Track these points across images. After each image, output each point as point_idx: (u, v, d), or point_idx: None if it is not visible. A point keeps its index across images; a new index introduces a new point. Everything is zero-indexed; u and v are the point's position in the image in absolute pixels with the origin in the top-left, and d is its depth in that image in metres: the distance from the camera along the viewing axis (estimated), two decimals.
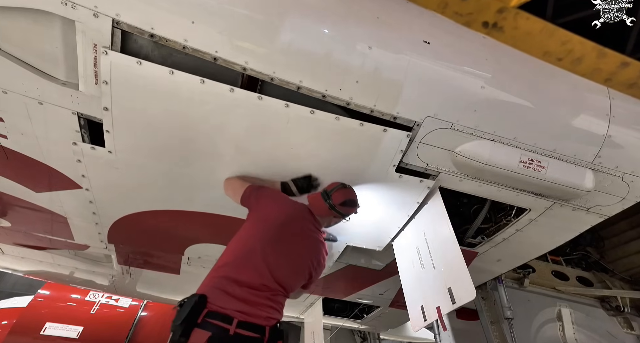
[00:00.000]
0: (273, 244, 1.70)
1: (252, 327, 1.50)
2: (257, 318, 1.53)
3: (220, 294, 1.54)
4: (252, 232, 1.75)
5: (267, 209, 1.80)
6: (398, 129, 1.80)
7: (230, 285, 1.57)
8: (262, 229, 1.74)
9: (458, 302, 1.75)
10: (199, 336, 1.43)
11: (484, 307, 3.18)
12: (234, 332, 1.45)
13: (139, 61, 1.55)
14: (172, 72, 1.57)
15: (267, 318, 1.56)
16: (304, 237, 1.82)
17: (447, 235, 1.93)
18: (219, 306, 1.50)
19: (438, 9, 1.76)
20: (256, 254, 1.65)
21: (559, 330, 3.20)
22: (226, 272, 1.61)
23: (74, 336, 4.69)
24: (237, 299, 1.53)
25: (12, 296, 5.40)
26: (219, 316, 1.47)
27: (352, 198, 1.91)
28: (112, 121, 1.74)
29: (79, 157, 1.94)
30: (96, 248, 2.96)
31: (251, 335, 1.48)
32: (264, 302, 1.58)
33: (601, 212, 2.22)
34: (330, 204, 1.86)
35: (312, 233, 1.86)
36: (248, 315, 1.51)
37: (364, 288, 3.50)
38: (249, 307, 1.53)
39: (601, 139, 1.92)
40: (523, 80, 1.83)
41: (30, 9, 1.44)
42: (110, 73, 1.57)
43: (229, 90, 1.63)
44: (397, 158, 1.89)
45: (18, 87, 1.65)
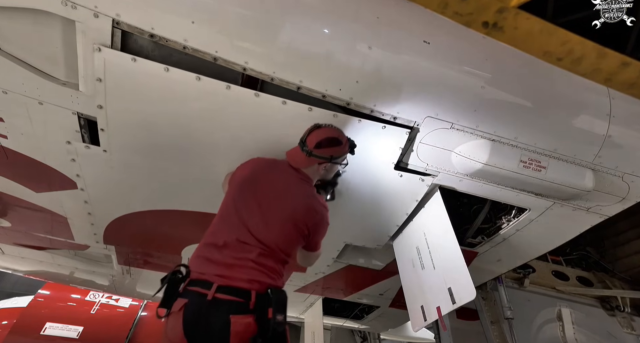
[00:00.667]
0: (244, 200, 1.58)
1: (233, 291, 1.38)
2: (239, 281, 1.40)
3: (200, 261, 1.47)
4: (225, 199, 1.67)
5: (236, 174, 1.73)
6: (397, 126, 1.79)
7: (209, 251, 1.48)
8: (233, 191, 1.65)
9: (458, 302, 1.75)
10: (177, 304, 1.37)
11: (484, 307, 3.18)
12: (213, 296, 1.35)
13: (134, 57, 1.54)
14: (167, 69, 1.56)
15: (250, 281, 1.41)
16: (281, 189, 1.63)
17: (448, 234, 1.93)
18: (199, 272, 1.43)
19: (438, 9, 1.76)
20: (230, 215, 1.56)
21: (559, 330, 3.20)
22: (206, 239, 1.54)
23: (74, 336, 4.69)
24: (217, 263, 1.44)
25: (12, 296, 5.40)
26: (198, 282, 1.39)
27: (329, 136, 1.63)
28: (106, 119, 1.73)
29: (73, 156, 1.93)
30: (96, 248, 2.96)
31: (232, 299, 1.36)
32: (245, 264, 1.45)
33: (601, 212, 2.22)
34: (306, 151, 1.63)
35: (294, 186, 1.66)
36: (229, 279, 1.40)
37: (364, 288, 3.50)
38: (229, 270, 1.42)
39: (601, 139, 1.92)
40: (523, 80, 1.83)
41: (30, 9, 1.44)
42: (104, 70, 1.56)
43: (226, 87, 1.62)
44: (396, 155, 1.89)
45: (18, 87, 1.65)
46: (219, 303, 1.35)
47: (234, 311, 1.35)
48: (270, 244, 1.52)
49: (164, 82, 1.60)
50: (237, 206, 1.57)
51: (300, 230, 1.60)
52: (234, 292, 1.38)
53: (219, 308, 1.35)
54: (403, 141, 1.83)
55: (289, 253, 1.59)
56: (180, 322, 1.34)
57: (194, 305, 1.35)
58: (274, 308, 1.38)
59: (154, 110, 1.71)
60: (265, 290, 1.43)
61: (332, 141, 1.64)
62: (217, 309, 1.35)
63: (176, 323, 1.34)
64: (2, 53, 1.55)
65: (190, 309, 1.35)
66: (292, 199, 1.62)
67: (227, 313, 1.34)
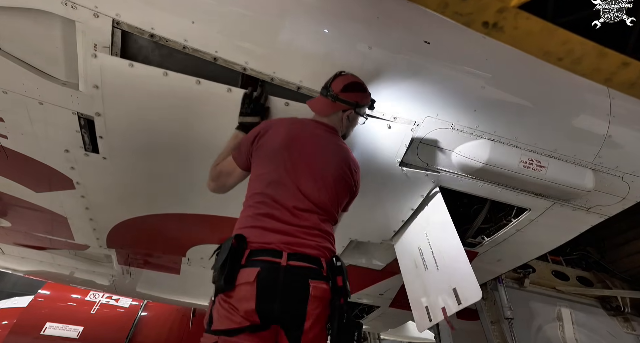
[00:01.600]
0: (293, 164, 1.47)
1: (305, 258, 1.32)
2: (308, 248, 1.34)
3: (258, 232, 1.35)
4: (264, 170, 1.49)
5: (266, 140, 1.53)
6: (402, 124, 1.78)
7: (266, 221, 1.38)
8: (275, 156, 1.49)
9: (464, 302, 1.74)
10: (246, 275, 1.26)
11: (484, 306, 3.18)
12: (287, 263, 1.27)
13: (131, 63, 1.51)
14: (166, 74, 1.55)
15: (318, 248, 1.36)
16: (323, 147, 1.55)
17: (450, 234, 1.93)
18: (263, 242, 1.32)
19: (438, 9, 1.75)
20: (280, 181, 1.44)
21: (559, 330, 3.19)
22: (256, 209, 1.42)
23: (74, 336, 4.69)
24: (280, 233, 1.34)
25: (12, 297, 5.40)
26: (265, 251, 1.30)
27: (355, 81, 1.60)
28: (105, 127, 1.70)
29: (72, 164, 1.91)
30: (96, 248, 2.96)
31: (307, 265, 1.30)
32: (309, 231, 1.38)
33: (601, 212, 2.22)
34: (332, 96, 1.57)
35: (332, 142, 1.60)
36: (297, 246, 1.33)
37: (364, 288, 3.50)
38: (295, 238, 1.34)
39: (601, 139, 1.92)
40: (523, 80, 1.83)
41: (30, 9, 1.44)
42: (101, 77, 1.53)
43: (227, 90, 1.62)
44: (401, 152, 1.87)
45: (18, 87, 1.65)
46: (295, 269, 1.28)
47: (311, 276, 1.30)
48: (326, 206, 1.47)
49: (163, 87, 1.58)
50: (287, 171, 1.45)
51: (350, 187, 1.59)
52: (306, 259, 1.32)
53: (295, 274, 1.28)
54: (408, 139, 1.82)
55: (338, 214, 1.56)
56: (253, 292, 1.24)
57: (269, 273, 1.26)
58: (344, 276, 1.37)
59: (154, 116, 1.69)
60: (331, 258, 1.40)
61: (358, 86, 1.60)
62: (293, 275, 1.28)
63: (248, 295, 1.24)
64: (2, 53, 1.55)
65: (265, 277, 1.25)
66: (337, 155, 1.58)
67: (305, 278, 1.28)
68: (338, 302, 1.30)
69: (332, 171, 1.52)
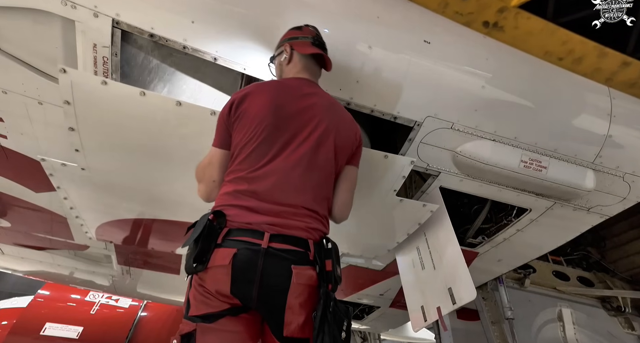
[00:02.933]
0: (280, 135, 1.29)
1: (290, 240, 1.18)
2: (295, 229, 1.20)
3: (241, 211, 1.21)
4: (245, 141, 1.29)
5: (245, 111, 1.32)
6: (400, 155, 1.80)
7: (248, 199, 1.22)
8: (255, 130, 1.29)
9: (458, 302, 1.74)
10: (220, 256, 1.13)
11: (484, 307, 3.18)
12: (267, 245, 1.14)
13: (104, 80, 1.45)
14: (143, 94, 1.48)
15: (307, 229, 1.22)
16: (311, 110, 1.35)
17: (448, 235, 1.93)
18: (243, 222, 1.18)
19: (438, 8, 1.75)
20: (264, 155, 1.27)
21: (559, 331, 3.19)
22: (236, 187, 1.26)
23: (73, 336, 4.69)
24: (263, 212, 1.20)
25: (12, 297, 5.40)
26: (245, 231, 1.17)
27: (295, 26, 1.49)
28: (80, 141, 1.65)
29: (50, 171, 1.86)
30: (96, 248, 2.96)
31: (291, 247, 1.16)
32: (297, 210, 1.23)
33: (602, 212, 2.21)
34: (281, 42, 1.47)
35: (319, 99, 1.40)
36: (281, 227, 1.19)
37: (364, 289, 3.49)
38: (280, 218, 1.20)
39: (602, 139, 1.91)
40: (524, 80, 1.83)
41: (30, 9, 1.44)
42: (72, 93, 1.47)
43: (210, 113, 1.54)
44: (398, 183, 1.86)
45: (18, 87, 1.65)
46: (276, 252, 1.14)
47: (295, 261, 1.15)
48: (320, 181, 1.31)
49: (140, 107, 1.50)
50: (272, 144, 1.28)
51: (352, 143, 1.42)
52: (291, 241, 1.18)
53: (276, 258, 1.14)
54: (407, 171, 1.81)
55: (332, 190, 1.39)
56: (228, 274, 1.12)
57: (246, 256, 1.13)
58: (334, 260, 1.21)
59: (132, 136, 1.61)
60: (320, 240, 1.25)
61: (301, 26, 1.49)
62: (274, 259, 1.14)
63: (222, 277, 1.12)
64: (2, 53, 1.55)
65: (241, 259, 1.12)
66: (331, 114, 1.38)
67: (287, 263, 1.14)
68: (325, 289, 1.15)
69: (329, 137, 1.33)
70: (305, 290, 1.15)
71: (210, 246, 1.15)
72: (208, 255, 1.14)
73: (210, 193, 1.39)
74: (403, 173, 1.82)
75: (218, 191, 1.34)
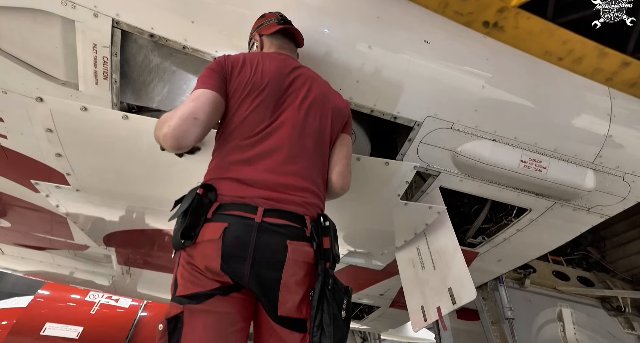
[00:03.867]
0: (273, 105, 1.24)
1: (286, 215, 1.11)
2: (290, 204, 1.13)
3: (231, 183, 1.13)
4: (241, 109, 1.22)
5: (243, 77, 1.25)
6: (403, 161, 1.80)
7: (242, 171, 1.15)
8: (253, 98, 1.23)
9: (458, 302, 1.74)
10: (210, 230, 1.06)
11: (484, 307, 3.18)
12: (261, 219, 1.07)
13: (83, 106, 1.43)
14: (126, 117, 1.46)
15: (304, 205, 1.15)
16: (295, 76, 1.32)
17: (448, 235, 1.93)
18: (236, 196, 1.11)
19: (438, 8, 1.75)
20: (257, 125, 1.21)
21: (559, 331, 3.19)
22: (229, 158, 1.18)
23: (73, 336, 4.69)
24: (258, 186, 1.13)
25: (12, 297, 5.39)
26: (237, 206, 1.09)
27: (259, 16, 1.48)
28: (69, 165, 1.65)
29: (46, 193, 1.87)
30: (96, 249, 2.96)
31: (286, 222, 1.10)
32: (294, 185, 1.16)
33: (602, 212, 2.21)
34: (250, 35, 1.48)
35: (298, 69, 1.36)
36: (277, 202, 1.12)
37: (364, 289, 3.49)
38: (275, 192, 1.13)
39: (602, 139, 1.91)
40: (524, 80, 1.83)
41: (30, 9, 1.44)
42: (53, 121, 1.46)
43: None
44: (401, 188, 1.87)
45: (18, 87, 1.65)
46: (270, 227, 1.07)
47: (291, 236, 1.08)
48: (317, 148, 1.25)
49: (125, 131, 1.48)
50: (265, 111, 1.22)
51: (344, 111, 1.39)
52: (287, 216, 1.11)
53: (270, 233, 1.07)
54: (410, 176, 1.81)
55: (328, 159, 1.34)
56: (218, 250, 1.04)
57: (237, 230, 1.05)
58: (332, 238, 1.15)
59: (121, 158, 1.59)
60: (317, 216, 1.19)
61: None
62: (268, 234, 1.07)
63: (212, 252, 1.04)
64: (2, 53, 1.55)
65: (232, 234, 1.05)
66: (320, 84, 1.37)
67: (283, 238, 1.07)
68: (323, 266, 1.09)
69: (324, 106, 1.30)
70: (302, 267, 1.08)
71: (199, 221, 1.07)
72: (197, 229, 1.06)
73: (185, 132, 1.10)
74: (406, 179, 1.82)
75: (197, 134, 1.11)
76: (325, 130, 1.31)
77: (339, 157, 1.36)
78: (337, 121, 1.37)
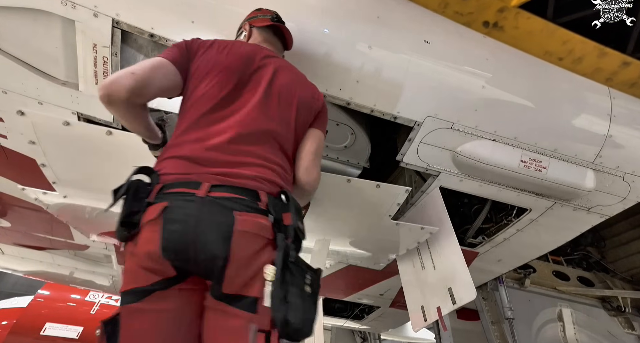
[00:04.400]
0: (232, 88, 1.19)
1: (235, 190, 1.01)
2: (242, 178, 1.04)
3: (180, 162, 1.06)
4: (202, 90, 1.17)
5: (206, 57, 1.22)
6: (395, 184, 1.81)
7: (190, 148, 1.08)
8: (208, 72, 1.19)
9: (458, 302, 1.75)
10: (151, 211, 0.96)
11: (484, 307, 3.18)
12: (206, 194, 0.97)
13: (66, 121, 1.42)
14: (110, 133, 1.45)
15: (257, 179, 1.06)
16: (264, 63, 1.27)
17: (448, 234, 1.93)
18: (181, 174, 1.03)
19: (438, 8, 1.75)
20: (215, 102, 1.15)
21: (559, 331, 3.19)
22: (182, 138, 1.12)
23: (73, 336, 4.69)
24: (208, 162, 1.05)
25: (12, 297, 5.40)
26: (180, 184, 1.01)
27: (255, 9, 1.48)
28: (54, 175, 1.65)
29: (35, 196, 1.88)
30: (96, 248, 2.96)
31: (234, 195, 0.99)
32: (248, 160, 1.08)
33: (602, 212, 2.21)
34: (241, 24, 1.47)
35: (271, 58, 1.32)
36: (227, 177, 1.03)
37: (364, 289, 3.49)
38: (226, 167, 1.05)
39: (602, 139, 1.91)
40: (524, 80, 1.83)
41: (30, 9, 1.44)
42: (35, 134, 1.45)
43: None
44: (393, 209, 1.87)
45: (18, 87, 1.65)
46: (215, 200, 0.97)
47: (239, 208, 0.98)
48: (278, 131, 1.18)
49: (109, 147, 1.47)
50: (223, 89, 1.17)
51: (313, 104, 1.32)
52: (236, 190, 1.01)
53: (215, 206, 0.96)
54: (402, 199, 1.81)
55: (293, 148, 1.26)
56: (158, 231, 0.94)
57: (178, 207, 0.96)
58: (295, 214, 1.04)
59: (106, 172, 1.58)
60: (278, 194, 1.08)
61: None
62: (212, 207, 0.96)
63: (151, 235, 0.95)
64: (2, 53, 1.55)
65: (173, 211, 0.95)
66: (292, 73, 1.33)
67: (229, 210, 0.96)
68: (283, 237, 0.98)
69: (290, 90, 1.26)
70: (254, 241, 0.97)
71: (141, 206, 0.98)
72: (139, 216, 0.98)
73: (116, 83, 1.04)
74: (397, 201, 1.83)
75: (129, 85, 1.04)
76: (289, 119, 1.24)
77: (305, 152, 1.27)
78: (304, 113, 1.29)
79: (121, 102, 1.05)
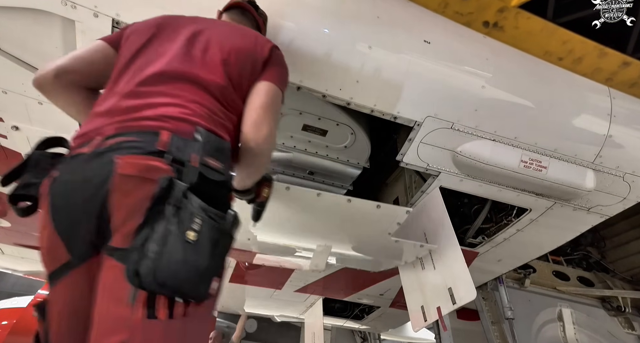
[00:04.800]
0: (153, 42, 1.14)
1: (128, 134, 0.89)
2: (142, 120, 0.92)
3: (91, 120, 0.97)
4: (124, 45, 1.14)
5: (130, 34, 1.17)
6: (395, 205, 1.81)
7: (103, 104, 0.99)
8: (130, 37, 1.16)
9: (458, 302, 1.74)
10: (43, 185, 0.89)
11: (484, 307, 3.18)
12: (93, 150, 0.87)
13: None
14: None
15: (161, 118, 0.93)
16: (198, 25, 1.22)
17: (448, 234, 1.93)
18: (78, 136, 0.94)
19: (438, 8, 1.75)
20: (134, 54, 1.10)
21: (560, 331, 3.19)
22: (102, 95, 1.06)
23: None
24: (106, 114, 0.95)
25: (12, 297, 5.39)
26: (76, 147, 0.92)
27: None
28: None
29: None
30: None
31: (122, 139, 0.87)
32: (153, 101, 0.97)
33: (602, 212, 2.21)
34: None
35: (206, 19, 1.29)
36: (125, 122, 0.92)
37: (364, 289, 3.49)
38: (125, 115, 0.94)
39: (602, 139, 1.91)
40: (524, 80, 1.83)
41: (30, 9, 1.44)
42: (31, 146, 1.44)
43: None
44: (392, 228, 1.86)
45: (18, 87, 1.65)
46: (100, 152, 0.86)
47: (122, 152, 0.85)
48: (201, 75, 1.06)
49: None
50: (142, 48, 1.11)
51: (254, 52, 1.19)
52: (130, 135, 0.89)
53: (98, 157, 0.86)
54: (402, 218, 1.80)
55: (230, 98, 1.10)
56: (46, 205, 0.86)
57: (66, 172, 0.87)
58: (202, 153, 0.89)
59: None
60: (190, 131, 0.93)
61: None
62: (95, 160, 0.86)
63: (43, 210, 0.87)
64: (2, 53, 1.55)
65: (61, 180, 0.86)
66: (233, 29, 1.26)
67: (109, 157, 0.84)
68: (168, 176, 0.82)
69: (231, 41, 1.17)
70: (143, 185, 0.82)
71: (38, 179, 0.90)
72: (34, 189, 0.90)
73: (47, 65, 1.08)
74: (398, 220, 1.82)
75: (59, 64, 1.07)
76: (217, 66, 1.11)
77: (251, 106, 1.13)
78: (243, 62, 1.15)
79: (51, 83, 1.05)
